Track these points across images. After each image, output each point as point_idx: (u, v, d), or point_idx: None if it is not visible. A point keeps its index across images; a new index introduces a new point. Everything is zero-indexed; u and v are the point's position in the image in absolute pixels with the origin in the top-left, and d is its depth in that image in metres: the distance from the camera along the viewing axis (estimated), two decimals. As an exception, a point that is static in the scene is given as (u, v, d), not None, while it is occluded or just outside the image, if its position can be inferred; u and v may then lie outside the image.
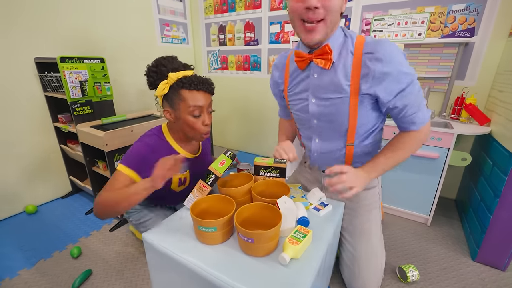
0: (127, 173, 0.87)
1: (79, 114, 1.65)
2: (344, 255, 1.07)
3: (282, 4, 2.30)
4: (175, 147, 0.99)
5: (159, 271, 0.82)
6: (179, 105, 0.90)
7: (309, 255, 0.71)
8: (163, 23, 2.57)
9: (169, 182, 1.00)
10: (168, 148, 0.98)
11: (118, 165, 0.89)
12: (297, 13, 0.73)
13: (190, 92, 0.88)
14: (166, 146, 0.97)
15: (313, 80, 0.87)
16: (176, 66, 0.91)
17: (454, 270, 1.30)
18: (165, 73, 0.89)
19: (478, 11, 1.60)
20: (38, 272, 1.29)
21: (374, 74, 0.76)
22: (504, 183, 1.18)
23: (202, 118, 0.92)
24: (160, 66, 0.90)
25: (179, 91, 0.88)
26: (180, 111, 0.90)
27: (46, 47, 1.76)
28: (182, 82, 0.87)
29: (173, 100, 0.90)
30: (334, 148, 0.98)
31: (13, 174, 1.75)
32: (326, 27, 0.74)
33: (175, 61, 0.93)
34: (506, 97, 1.36)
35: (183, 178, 1.04)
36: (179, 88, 0.88)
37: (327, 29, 0.75)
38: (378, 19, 1.89)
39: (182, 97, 0.88)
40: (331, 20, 0.74)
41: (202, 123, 0.92)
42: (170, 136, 0.99)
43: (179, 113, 0.91)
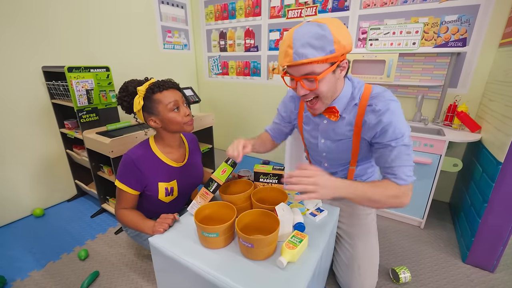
0: (123, 188, 1.02)
1: (85, 121, 1.71)
2: (342, 255, 1.12)
3: (281, 12, 2.36)
4: (160, 156, 1.07)
5: (165, 273, 0.88)
6: (158, 108, 1.00)
7: (305, 258, 0.77)
8: (165, 30, 2.64)
9: (156, 192, 1.07)
10: (153, 158, 1.06)
11: (116, 180, 1.03)
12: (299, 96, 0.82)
13: (161, 93, 0.99)
14: (151, 155, 1.06)
15: (323, 126, 0.96)
16: (139, 81, 1.03)
17: (445, 271, 1.36)
18: (133, 89, 1.00)
19: (469, 22, 1.67)
20: (48, 273, 1.35)
21: (369, 124, 0.84)
22: (492, 189, 1.24)
23: (182, 110, 1.03)
24: (126, 88, 1.01)
25: (152, 96, 0.99)
26: (161, 113, 1.00)
27: (53, 56, 1.82)
28: (151, 89, 0.98)
29: (151, 107, 1.00)
30: (338, 169, 1.08)
31: (21, 178, 1.81)
32: (323, 103, 0.83)
33: (135, 80, 1.04)
34: (495, 106, 1.43)
35: (170, 187, 1.09)
36: (151, 95, 0.99)
37: (325, 104, 0.84)
38: (374, 28, 1.95)
39: (157, 100, 0.99)
40: (325, 97, 0.81)
41: (183, 114, 1.03)
42: (155, 146, 1.08)
43: (161, 115, 1.00)
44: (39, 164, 1.89)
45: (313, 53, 0.70)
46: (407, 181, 0.80)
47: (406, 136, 0.80)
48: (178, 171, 1.12)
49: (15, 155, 1.76)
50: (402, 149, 0.80)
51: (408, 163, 0.81)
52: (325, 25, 0.71)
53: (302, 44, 0.70)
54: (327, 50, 0.71)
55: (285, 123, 1.14)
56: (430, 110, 1.92)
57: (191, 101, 2.08)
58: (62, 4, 1.82)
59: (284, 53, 0.74)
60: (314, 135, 1.02)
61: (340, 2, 2.07)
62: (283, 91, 2.41)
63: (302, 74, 0.75)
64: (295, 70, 0.76)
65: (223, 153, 3.12)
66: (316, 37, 0.70)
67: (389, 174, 0.83)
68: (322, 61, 0.72)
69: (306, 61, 0.71)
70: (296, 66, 0.74)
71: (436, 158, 1.55)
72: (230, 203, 0.88)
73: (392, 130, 0.79)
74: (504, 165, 1.18)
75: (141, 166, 1.01)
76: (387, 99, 0.81)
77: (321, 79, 0.75)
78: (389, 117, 0.79)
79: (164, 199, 1.10)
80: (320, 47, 0.70)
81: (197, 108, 3.23)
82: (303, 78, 0.76)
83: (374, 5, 1.94)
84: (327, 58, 0.71)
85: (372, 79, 1.90)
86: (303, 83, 0.77)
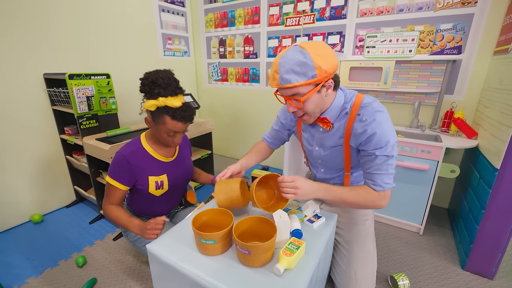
0: (113, 184, 1.04)
1: (85, 127, 1.72)
2: (340, 261, 1.13)
3: (280, 20, 2.40)
4: (150, 152, 1.11)
5: (162, 280, 0.88)
6: (159, 125, 1.02)
7: (302, 265, 0.77)
8: (166, 37, 2.67)
9: (146, 186, 1.10)
10: (143, 153, 1.10)
11: (107, 176, 1.06)
12: None
13: (172, 121, 1.00)
14: (142, 151, 1.10)
15: (318, 134, 1.01)
16: (168, 92, 0.97)
17: (444, 278, 1.36)
18: (156, 95, 0.97)
19: (464, 31, 1.70)
20: (45, 280, 1.35)
21: (356, 133, 0.88)
22: (489, 195, 1.25)
23: (176, 138, 1.07)
24: (153, 85, 0.97)
25: (163, 115, 0.99)
26: (159, 128, 1.03)
27: (54, 63, 1.85)
28: (168, 111, 0.98)
29: (156, 118, 1.02)
30: (334, 175, 1.10)
31: (20, 184, 1.82)
32: (310, 116, 0.89)
33: (170, 83, 0.98)
34: (491, 113, 1.44)
35: (160, 181, 1.13)
36: (164, 113, 0.98)
37: (313, 117, 0.90)
38: (371, 36, 1.98)
39: (164, 121, 1.00)
40: (312, 112, 0.87)
41: (173, 141, 1.07)
42: (146, 142, 1.12)
43: (157, 129, 1.04)
44: (39, 170, 1.90)
45: (296, 78, 0.77)
46: (385, 188, 0.87)
47: (390, 146, 0.83)
48: (168, 165, 1.16)
49: (15, 161, 1.76)
50: (384, 158, 0.84)
51: (388, 172, 0.86)
52: (306, 52, 0.76)
53: (286, 70, 0.77)
54: (309, 75, 0.77)
55: (284, 129, 1.17)
56: (427, 117, 1.94)
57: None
58: (64, 11, 1.85)
59: (272, 77, 0.83)
60: (310, 142, 1.06)
61: (338, 11, 2.11)
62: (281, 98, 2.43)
63: (289, 95, 0.83)
64: (283, 92, 0.84)
65: (222, 159, 3.14)
66: (298, 64, 0.76)
67: (369, 180, 0.89)
68: (305, 85, 0.78)
69: (290, 85, 0.78)
70: (283, 88, 0.82)
71: (434, 164, 1.56)
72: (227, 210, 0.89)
73: (376, 140, 0.83)
74: (500, 171, 1.19)
75: (132, 161, 1.05)
76: (374, 110, 0.85)
77: (305, 99, 0.82)
78: (374, 128, 0.83)
79: (155, 193, 1.13)
80: (302, 73, 0.77)
81: (197, 114, 3.24)
82: (290, 98, 0.84)
83: (370, 13, 1.98)
84: (309, 82, 0.78)
85: (369, 86, 1.92)
86: (291, 102, 0.84)
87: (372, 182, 0.88)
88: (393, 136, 0.84)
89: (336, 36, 2.17)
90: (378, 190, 0.87)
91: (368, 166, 0.88)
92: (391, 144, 0.83)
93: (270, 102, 2.68)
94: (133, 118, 2.41)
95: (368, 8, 1.98)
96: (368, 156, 0.87)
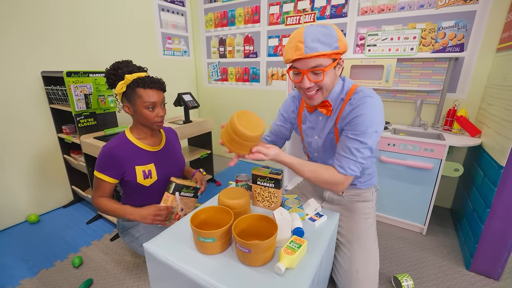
0: (101, 177, 1.06)
1: (83, 126, 1.70)
2: (341, 260, 1.10)
3: (280, 19, 2.39)
4: (135, 142, 1.12)
5: (160, 280, 0.85)
6: (136, 101, 1.05)
7: (304, 264, 0.74)
8: (165, 37, 2.66)
9: (134, 176, 1.10)
10: (128, 144, 1.11)
11: (94, 171, 1.07)
12: (300, 90, 0.91)
13: (145, 90, 1.04)
14: (127, 143, 1.11)
15: (318, 122, 1.03)
16: (131, 69, 1.06)
17: (448, 279, 1.33)
18: (122, 75, 1.04)
19: (466, 28, 1.68)
20: (40, 281, 1.32)
21: (344, 115, 0.91)
22: (494, 194, 1.22)
23: (156, 111, 1.08)
24: (117, 69, 1.05)
25: (135, 89, 1.03)
26: (136, 106, 1.05)
27: (52, 61, 1.83)
28: (137, 82, 1.03)
29: (131, 96, 1.05)
30: None
31: (16, 184, 1.79)
32: (323, 95, 0.90)
33: (130, 65, 1.07)
34: (495, 110, 1.42)
35: (147, 170, 1.13)
36: (135, 87, 1.03)
37: (323, 96, 0.91)
38: (372, 34, 1.97)
39: (138, 94, 1.04)
40: (326, 89, 0.89)
41: (156, 115, 1.08)
42: (131, 135, 1.13)
43: (136, 108, 1.06)
44: (36, 169, 1.87)
45: (322, 47, 0.78)
46: (347, 173, 0.87)
47: (368, 133, 0.84)
48: (155, 155, 1.16)
49: (11, 160, 1.74)
50: (357, 144, 0.85)
51: (357, 159, 0.86)
52: (330, 25, 0.81)
53: (312, 39, 0.78)
54: (333, 46, 0.79)
55: (286, 123, 1.17)
56: (429, 115, 1.92)
57: (190, 106, 2.08)
58: (62, 9, 1.84)
59: (295, 48, 0.80)
60: (310, 133, 1.07)
61: (338, 9, 2.10)
62: (282, 97, 2.42)
63: (310, 67, 0.81)
64: (303, 64, 0.82)
65: (221, 159, 3.11)
66: (323, 34, 0.79)
67: (336, 161, 0.89)
68: (329, 56, 0.80)
69: (317, 54, 0.78)
70: (305, 59, 0.80)
71: (437, 163, 1.53)
72: (227, 208, 0.86)
73: (357, 122, 0.85)
74: (506, 169, 1.17)
75: (118, 153, 1.06)
76: (365, 95, 0.86)
77: (327, 71, 0.82)
78: (360, 110, 0.84)
79: (143, 182, 1.12)
80: (327, 43, 0.79)
81: (197, 113, 3.23)
82: (310, 71, 0.82)
83: (371, 11, 1.96)
84: (332, 53, 0.80)
85: (370, 84, 1.90)
86: (309, 76, 0.83)
87: (338, 163, 0.88)
88: (376, 124, 0.84)
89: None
90: (341, 172, 0.87)
91: (340, 146, 0.89)
92: (370, 131, 0.84)
93: (270, 102, 2.66)
94: (132, 118, 2.39)
95: (369, 6, 1.96)
96: (344, 137, 0.88)
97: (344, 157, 0.87)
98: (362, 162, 0.87)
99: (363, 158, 0.86)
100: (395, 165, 1.66)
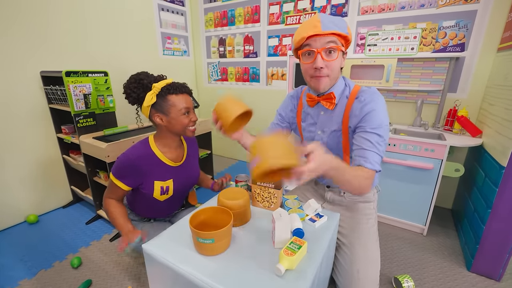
0: (116, 183, 1.02)
1: (82, 126, 1.69)
2: (342, 260, 1.09)
3: (280, 19, 2.38)
4: (158, 155, 1.07)
5: (159, 281, 0.84)
6: (170, 109, 0.99)
7: (304, 266, 0.73)
8: (165, 36, 2.65)
9: (152, 190, 1.06)
10: (151, 156, 1.06)
11: (110, 174, 1.03)
12: (308, 73, 0.91)
13: (177, 96, 1.00)
14: (150, 154, 1.06)
15: (320, 118, 1.02)
16: (155, 78, 1.02)
17: (449, 280, 1.32)
18: (148, 85, 0.99)
19: (467, 28, 1.67)
20: (39, 282, 1.31)
21: (355, 112, 0.91)
22: (495, 194, 1.21)
23: (191, 115, 1.05)
24: (139, 80, 0.99)
25: (167, 97, 0.98)
26: (171, 114, 1.00)
27: (52, 61, 1.82)
28: (168, 89, 0.98)
29: (163, 106, 0.99)
30: None
31: (16, 184, 1.78)
32: (330, 80, 0.92)
33: (148, 74, 1.03)
34: (496, 110, 1.41)
35: (165, 186, 1.09)
36: (165, 95, 0.98)
37: (330, 82, 0.92)
38: (372, 34, 1.96)
39: (171, 102, 0.99)
40: (334, 76, 0.91)
41: (191, 119, 1.05)
42: (155, 145, 1.08)
43: (172, 116, 1.00)
44: (35, 170, 1.86)
45: (337, 28, 0.83)
46: (374, 167, 0.83)
47: (383, 128, 0.85)
48: (175, 170, 1.12)
49: (11, 160, 1.73)
50: (377, 138, 0.85)
51: (379, 152, 0.85)
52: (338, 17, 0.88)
53: (329, 20, 0.84)
54: (345, 31, 0.85)
55: (283, 122, 1.17)
56: (430, 115, 1.91)
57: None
58: (62, 9, 1.83)
59: (312, 26, 0.83)
60: (311, 129, 1.06)
61: (339, 9, 2.09)
62: (282, 96, 2.41)
63: (326, 42, 0.83)
64: (319, 41, 0.83)
65: (221, 159, 3.10)
66: (337, 20, 0.86)
67: (361, 157, 0.85)
68: (342, 37, 0.85)
69: (334, 31, 0.82)
70: (322, 36, 0.83)
71: (438, 163, 1.53)
72: (227, 209, 0.85)
73: (372, 117, 0.86)
74: (507, 169, 1.16)
75: (140, 165, 1.02)
76: (372, 93, 0.90)
77: (338, 54, 0.85)
78: (373, 106, 0.86)
79: (159, 198, 1.09)
80: (342, 27, 0.85)
81: (197, 113, 3.21)
82: (324, 49, 0.84)
83: (372, 11, 1.95)
84: (345, 36, 0.85)
85: (371, 84, 1.90)
86: (322, 55, 0.84)
87: (363, 158, 0.84)
88: (386, 120, 0.87)
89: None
90: (368, 167, 0.83)
91: (361, 142, 0.87)
92: (384, 126, 0.85)
93: (270, 102, 2.66)
94: (131, 117, 2.37)
95: (369, 6, 1.95)
96: (363, 132, 0.87)
97: (370, 151, 0.83)
98: (382, 156, 0.85)
99: (383, 153, 0.85)
100: (395, 165, 1.66)
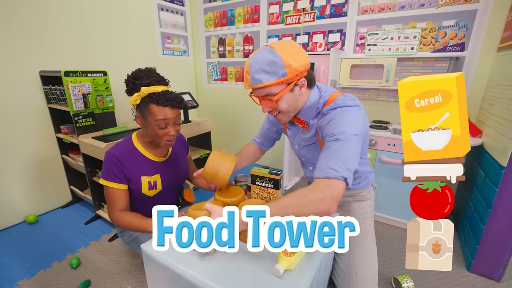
0: (111, 185, 1.00)
1: (81, 125, 1.69)
2: (340, 262, 1.09)
3: (280, 18, 2.38)
4: (141, 151, 1.08)
5: (158, 282, 0.84)
6: (148, 117, 0.98)
7: (303, 266, 0.73)
8: (165, 36, 2.65)
9: (139, 186, 1.06)
10: (135, 153, 1.07)
11: (101, 179, 1.01)
12: None
13: (158, 107, 0.96)
14: (133, 151, 1.07)
15: (299, 133, 1.03)
16: (150, 81, 0.98)
17: (449, 281, 1.32)
18: (139, 86, 0.97)
19: (467, 27, 1.67)
20: (38, 282, 1.31)
21: (322, 126, 0.85)
22: (495, 194, 1.21)
23: (168, 129, 1.00)
24: (136, 78, 0.98)
25: (148, 104, 0.96)
26: (148, 121, 0.99)
27: (51, 61, 1.82)
28: (151, 97, 0.96)
29: (143, 111, 0.99)
30: None
31: (15, 184, 1.78)
32: (286, 116, 0.89)
33: (152, 75, 1.00)
34: (496, 110, 1.41)
35: (153, 181, 1.09)
36: (148, 102, 0.96)
37: (288, 116, 0.90)
38: (372, 34, 1.96)
39: (151, 110, 0.97)
40: (287, 111, 0.87)
41: (166, 133, 1.01)
42: (138, 142, 1.09)
43: (148, 123, 1.00)
44: (34, 170, 1.86)
45: (267, 77, 0.78)
46: (328, 174, 0.69)
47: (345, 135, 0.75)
48: (161, 165, 1.13)
49: (10, 160, 1.73)
50: (334, 144, 0.75)
51: (338, 158, 0.72)
52: (275, 51, 0.77)
53: (256, 70, 0.78)
54: (279, 74, 0.78)
55: (272, 127, 1.18)
56: (430, 115, 1.90)
57: (189, 106, 2.07)
58: (61, 8, 1.83)
59: (245, 78, 0.84)
60: (293, 141, 1.08)
61: (338, 8, 2.09)
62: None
63: (262, 95, 0.83)
64: (256, 92, 0.84)
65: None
66: (267, 63, 0.77)
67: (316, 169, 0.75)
68: (277, 84, 0.79)
69: (262, 85, 0.79)
70: (255, 89, 0.83)
71: (437, 163, 1.52)
72: None
73: (329, 127, 0.80)
74: (507, 169, 1.16)
75: (124, 161, 1.02)
76: (337, 105, 0.83)
77: (278, 98, 0.82)
78: (331, 116, 0.82)
79: (148, 193, 1.09)
80: (272, 72, 0.77)
81: (196, 113, 3.22)
82: (264, 98, 0.84)
83: (372, 11, 1.95)
84: (280, 81, 0.78)
85: (371, 84, 1.89)
86: (265, 102, 0.85)
87: (316, 169, 0.74)
88: (352, 128, 0.76)
89: (336, 34, 2.14)
90: (319, 176, 0.71)
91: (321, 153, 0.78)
92: (347, 135, 0.75)
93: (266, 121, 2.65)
94: (130, 117, 2.36)
95: (369, 6, 1.95)
96: (324, 144, 0.80)
97: (321, 159, 0.76)
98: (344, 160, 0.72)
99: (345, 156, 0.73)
100: (395, 165, 1.65)
